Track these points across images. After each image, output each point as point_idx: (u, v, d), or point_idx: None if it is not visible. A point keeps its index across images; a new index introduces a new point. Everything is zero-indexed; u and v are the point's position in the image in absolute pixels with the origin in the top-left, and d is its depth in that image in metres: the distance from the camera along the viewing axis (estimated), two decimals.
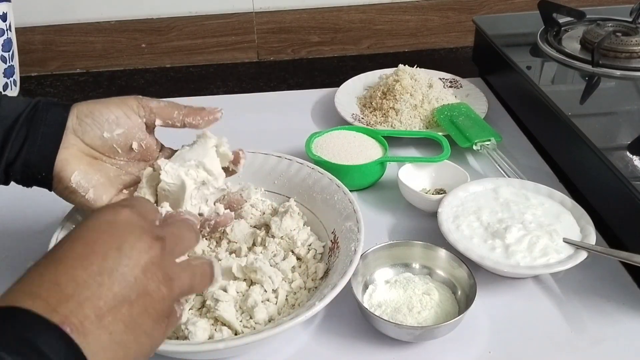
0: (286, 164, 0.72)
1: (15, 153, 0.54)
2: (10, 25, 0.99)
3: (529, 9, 1.06)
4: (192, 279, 0.42)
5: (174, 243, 0.41)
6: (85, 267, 0.36)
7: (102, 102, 0.56)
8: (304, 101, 1.00)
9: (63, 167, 0.54)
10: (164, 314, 0.39)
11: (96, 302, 0.35)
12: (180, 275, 0.40)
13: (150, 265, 0.38)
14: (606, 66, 0.86)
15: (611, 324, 0.60)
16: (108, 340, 0.35)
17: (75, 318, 0.34)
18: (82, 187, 0.55)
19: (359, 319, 0.60)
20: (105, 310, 0.35)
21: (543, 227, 0.65)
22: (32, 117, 0.54)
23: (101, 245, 0.37)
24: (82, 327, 0.34)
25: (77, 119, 0.55)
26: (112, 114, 0.56)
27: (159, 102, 0.58)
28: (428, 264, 0.64)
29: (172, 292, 0.39)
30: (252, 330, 0.56)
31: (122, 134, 0.56)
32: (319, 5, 1.19)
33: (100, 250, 0.37)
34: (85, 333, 0.34)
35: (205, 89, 1.12)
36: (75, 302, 0.34)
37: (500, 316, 0.61)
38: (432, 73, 1.00)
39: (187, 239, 0.43)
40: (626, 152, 0.69)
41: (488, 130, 0.85)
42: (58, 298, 0.34)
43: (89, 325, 0.34)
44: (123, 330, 0.36)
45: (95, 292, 0.35)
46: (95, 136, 0.55)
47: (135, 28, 1.17)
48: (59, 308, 0.34)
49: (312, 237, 0.67)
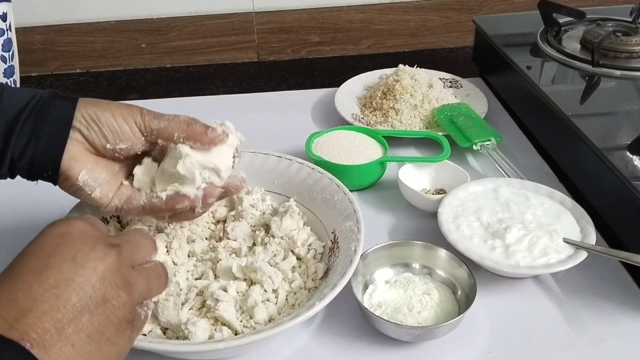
0: (286, 164, 0.72)
1: (20, 151, 0.53)
2: (10, 25, 0.99)
3: (529, 9, 1.06)
4: (148, 282, 0.42)
5: (130, 250, 0.41)
6: (41, 282, 0.36)
7: (109, 107, 0.55)
8: (304, 101, 1.00)
9: (70, 166, 0.54)
10: (127, 320, 0.39)
11: (55, 314, 0.35)
12: (138, 280, 0.40)
13: (107, 273, 0.38)
14: (606, 66, 0.86)
15: (611, 324, 0.60)
16: (71, 352, 0.35)
17: (35, 333, 0.34)
18: (89, 186, 0.55)
19: (359, 319, 0.60)
20: (65, 322, 0.35)
21: (543, 227, 0.65)
22: (37, 113, 0.53)
23: (55, 257, 0.37)
24: (43, 341, 0.34)
25: (84, 120, 0.54)
26: (117, 124, 0.54)
27: (160, 122, 0.55)
28: (428, 264, 0.64)
29: (131, 298, 0.39)
30: (252, 330, 0.56)
31: (125, 148, 0.55)
32: (319, 5, 1.19)
33: (54, 262, 0.37)
34: (46, 347, 0.34)
35: (205, 89, 1.12)
36: (33, 316, 0.34)
37: (500, 316, 0.61)
38: (432, 73, 1.00)
39: (144, 245, 0.44)
40: (626, 152, 0.69)
41: (488, 130, 0.85)
42: (16, 314, 0.34)
43: (50, 339, 0.34)
44: (85, 340, 0.36)
45: (53, 305, 0.35)
46: (100, 144, 0.55)
47: (135, 28, 1.17)
48: (16, 324, 0.34)
49: (312, 237, 0.67)
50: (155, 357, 0.55)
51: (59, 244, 0.38)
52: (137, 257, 0.42)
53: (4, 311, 0.34)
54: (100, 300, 0.37)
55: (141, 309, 0.41)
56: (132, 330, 0.40)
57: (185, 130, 0.55)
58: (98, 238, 0.40)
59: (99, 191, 0.55)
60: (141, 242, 0.44)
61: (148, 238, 0.45)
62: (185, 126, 0.55)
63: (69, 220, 0.40)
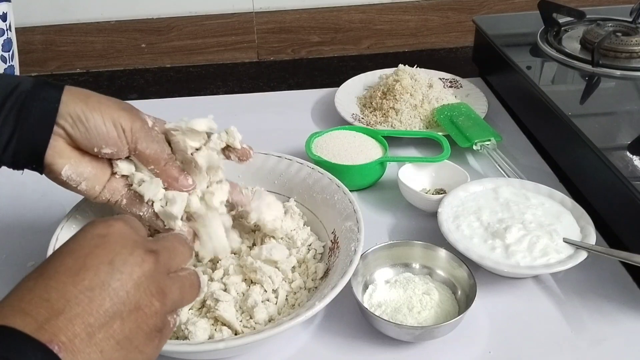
0: (286, 164, 0.72)
1: (4, 143, 0.51)
2: (10, 25, 0.99)
3: (529, 9, 1.06)
4: (182, 291, 0.41)
5: (168, 257, 0.40)
6: (77, 283, 0.35)
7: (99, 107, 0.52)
8: (304, 101, 1.00)
9: (53, 162, 0.53)
10: (157, 329, 0.38)
11: (87, 318, 0.34)
12: (172, 288, 0.40)
13: (143, 279, 0.37)
14: (606, 66, 0.86)
15: (611, 324, 0.60)
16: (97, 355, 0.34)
17: (64, 336, 0.33)
18: (73, 180, 0.54)
19: (359, 319, 0.60)
20: (96, 327, 0.34)
21: (543, 227, 0.65)
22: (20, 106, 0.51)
23: (93, 259, 0.36)
24: (72, 345, 0.33)
25: (70, 118, 0.52)
26: (105, 129, 0.53)
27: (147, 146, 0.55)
28: (428, 264, 0.64)
29: (164, 307, 0.38)
30: (252, 330, 0.56)
31: (110, 153, 0.54)
32: (319, 5, 1.19)
33: (91, 264, 0.36)
34: (74, 352, 0.33)
35: (205, 89, 1.12)
36: (65, 319, 0.33)
37: (500, 316, 0.61)
38: (432, 73, 1.00)
39: (181, 252, 0.43)
40: (626, 152, 0.69)
41: (488, 130, 0.85)
42: (47, 315, 0.33)
43: (79, 344, 0.33)
44: (114, 347, 0.35)
45: (86, 308, 0.34)
46: (84, 144, 0.53)
47: (135, 28, 1.17)
48: (47, 325, 0.33)
49: (312, 237, 0.67)
50: None
51: (98, 245, 0.37)
52: (174, 264, 0.41)
53: (35, 310, 0.33)
54: (133, 307, 0.36)
55: (171, 317, 0.40)
56: (161, 339, 0.39)
57: (160, 168, 0.56)
58: (137, 242, 0.38)
59: (84, 185, 0.55)
60: (179, 248, 0.43)
61: (186, 245, 0.44)
62: (163, 164, 0.56)
63: (109, 221, 0.39)
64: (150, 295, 0.37)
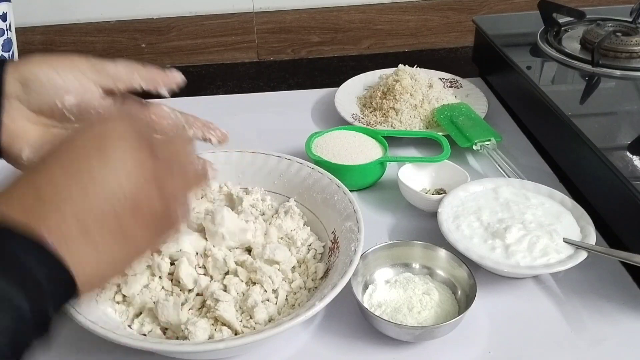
0: (286, 164, 0.72)
1: None
2: (10, 25, 0.99)
3: (529, 9, 1.06)
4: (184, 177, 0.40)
5: (167, 150, 0.39)
6: (70, 176, 0.34)
7: (47, 62, 0.48)
8: (304, 101, 1.00)
9: (11, 143, 0.48)
10: (155, 218, 0.37)
11: (80, 212, 0.33)
12: (170, 176, 0.38)
13: (138, 174, 0.36)
14: (606, 66, 0.86)
15: (611, 324, 0.60)
16: (91, 249, 0.34)
17: (57, 229, 0.32)
18: None
19: (359, 319, 0.60)
20: (89, 221, 0.34)
21: (543, 227, 0.65)
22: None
23: (87, 155, 0.35)
24: (64, 237, 0.32)
25: (20, 84, 0.47)
26: (59, 76, 0.47)
27: (117, 67, 0.50)
28: (428, 264, 0.64)
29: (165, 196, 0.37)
30: (252, 330, 0.56)
31: (76, 103, 0.48)
32: (319, 5, 1.19)
33: (85, 159, 0.35)
34: (67, 243, 0.32)
35: (205, 89, 1.12)
36: (57, 213, 0.33)
37: (500, 316, 0.61)
38: (432, 73, 1.00)
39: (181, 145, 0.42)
40: (626, 152, 0.69)
41: (488, 130, 0.85)
42: (39, 208, 0.33)
43: (71, 236, 0.33)
44: (108, 240, 0.34)
45: (78, 202, 0.33)
46: (44, 103, 0.48)
47: (135, 28, 1.17)
48: (39, 219, 0.32)
49: (312, 237, 0.67)
50: (155, 357, 0.55)
51: (94, 141, 0.36)
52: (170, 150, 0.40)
53: (23, 197, 0.33)
54: (128, 201, 0.35)
55: (175, 206, 0.39)
56: (161, 228, 0.38)
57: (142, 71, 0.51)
58: (134, 137, 0.37)
59: None
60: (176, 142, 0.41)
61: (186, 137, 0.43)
62: (142, 68, 0.51)
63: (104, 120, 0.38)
64: (149, 188, 0.36)
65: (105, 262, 0.35)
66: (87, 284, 0.34)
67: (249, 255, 0.63)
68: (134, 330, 0.57)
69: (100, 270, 0.35)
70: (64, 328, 0.57)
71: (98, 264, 0.34)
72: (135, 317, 0.58)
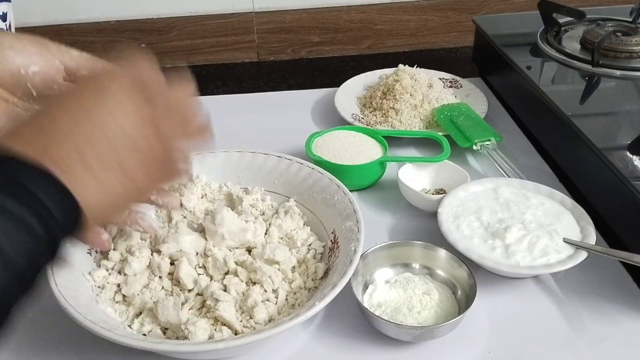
0: (286, 164, 0.72)
1: None
2: (10, 25, 0.99)
3: (529, 9, 1.06)
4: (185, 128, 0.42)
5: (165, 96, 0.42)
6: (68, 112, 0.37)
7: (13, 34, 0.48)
8: (304, 101, 1.00)
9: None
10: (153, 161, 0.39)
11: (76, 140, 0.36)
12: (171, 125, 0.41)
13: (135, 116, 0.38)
14: (606, 66, 0.86)
15: (611, 324, 0.60)
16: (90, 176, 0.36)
17: (56, 155, 0.35)
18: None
19: (359, 319, 0.60)
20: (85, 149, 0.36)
21: (543, 227, 0.65)
22: None
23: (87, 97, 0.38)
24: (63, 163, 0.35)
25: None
26: (25, 48, 0.47)
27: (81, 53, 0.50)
28: (428, 264, 0.64)
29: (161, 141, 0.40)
30: (252, 330, 0.56)
31: (39, 73, 0.47)
32: (319, 5, 1.19)
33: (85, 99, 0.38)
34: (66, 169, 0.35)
35: (205, 89, 1.11)
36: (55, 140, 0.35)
37: (500, 316, 0.61)
38: (432, 73, 0.99)
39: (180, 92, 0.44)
40: (626, 152, 0.69)
41: (488, 130, 0.85)
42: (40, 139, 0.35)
43: (70, 162, 0.35)
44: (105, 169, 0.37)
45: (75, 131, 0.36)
46: (7, 72, 0.46)
47: (135, 28, 1.17)
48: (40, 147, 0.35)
49: (312, 237, 0.67)
50: (155, 357, 0.55)
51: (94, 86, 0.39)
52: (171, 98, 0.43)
53: (30, 133, 0.36)
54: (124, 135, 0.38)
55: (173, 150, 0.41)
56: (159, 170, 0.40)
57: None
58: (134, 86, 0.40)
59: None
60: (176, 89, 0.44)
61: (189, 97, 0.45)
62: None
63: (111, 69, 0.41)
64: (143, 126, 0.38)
65: (106, 195, 0.37)
66: (90, 214, 0.36)
67: (249, 255, 0.63)
68: (134, 330, 0.57)
69: (102, 202, 0.37)
70: (64, 328, 0.57)
71: (100, 196, 0.37)
72: (135, 317, 0.58)
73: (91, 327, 0.50)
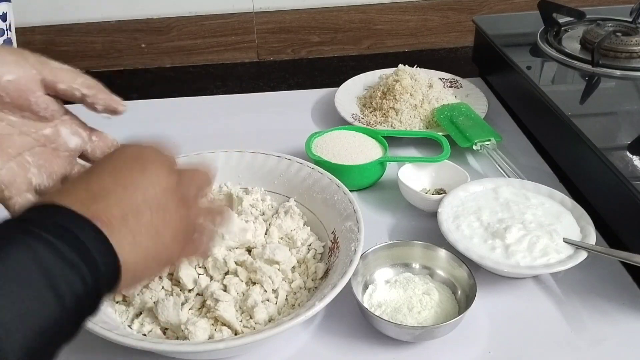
0: (286, 164, 0.72)
1: None
2: (10, 25, 0.99)
3: (529, 9, 1.06)
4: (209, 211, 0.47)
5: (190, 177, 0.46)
6: (113, 177, 0.41)
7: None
8: (304, 101, 1.00)
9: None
10: (182, 232, 0.43)
11: (122, 205, 0.39)
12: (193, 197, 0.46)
13: (169, 188, 0.43)
14: (606, 66, 0.86)
15: (611, 324, 0.60)
16: (131, 239, 0.39)
17: (104, 215, 0.38)
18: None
19: (359, 319, 0.60)
20: (130, 214, 0.39)
21: (543, 227, 0.65)
22: None
23: (129, 167, 0.42)
24: (110, 223, 0.37)
25: None
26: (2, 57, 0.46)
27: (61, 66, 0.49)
28: (428, 264, 0.64)
29: (189, 213, 0.44)
30: (252, 330, 0.56)
31: (14, 81, 0.45)
32: (319, 5, 1.19)
33: (127, 167, 0.42)
34: (112, 229, 0.37)
35: (205, 89, 1.11)
36: (104, 203, 0.39)
37: (500, 316, 0.61)
38: (432, 73, 1.00)
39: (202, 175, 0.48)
40: (626, 152, 0.69)
41: (488, 130, 0.85)
42: (90, 199, 0.38)
43: (115, 223, 0.38)
44: (144, 234, 0.40)
45: (121, 197, 0.40)
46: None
47: (135, 28, 1.17)
48: (90, 207, 0.38)
49: (312, 237, 0.67)
50: (156, 357, 0.55)
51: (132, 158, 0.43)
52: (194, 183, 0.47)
53: (81, 195, 0.39)
54: (161, 205, 0.41)
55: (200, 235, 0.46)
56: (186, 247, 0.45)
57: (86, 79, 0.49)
58: (165, 160, 0.44)
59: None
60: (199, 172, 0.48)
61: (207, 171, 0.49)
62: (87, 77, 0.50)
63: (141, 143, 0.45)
64: (176, 202, 0.43)
65: (140, 253, 0.39)
66: (125, 271, 0.38)
67: (249, 255, 0.63)
68: (134, 330, 0.57)
69: (136, 260, 0.39)
70: None
71: (135, 254, 0.39)
72: (135, 317, 0.58)
73: (91, 327, 0.50)
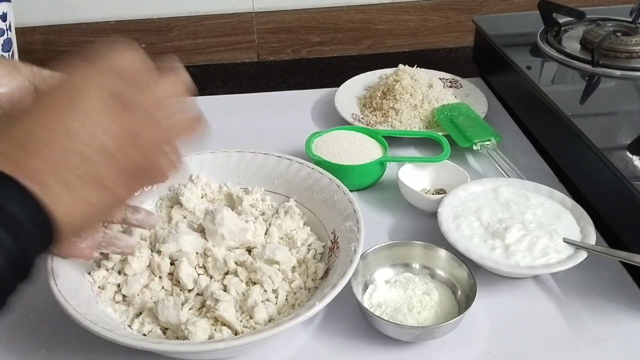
0: (286, 164, 0.72)
1: None
2: (10, 25, 0.99)
3: (529, 9, 1.06)
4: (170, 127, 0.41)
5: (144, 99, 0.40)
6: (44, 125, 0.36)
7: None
8: (304, 101, 1.00)
9: None
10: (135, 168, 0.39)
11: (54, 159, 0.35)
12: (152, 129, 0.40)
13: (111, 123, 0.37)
14: (606, 66, 0.86)
15: (611, 324, 0.60)
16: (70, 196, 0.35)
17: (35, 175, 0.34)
18: None
19: (359, 319, 0.60)
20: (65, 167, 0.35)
21: (543, 227, 0.65)
22: None
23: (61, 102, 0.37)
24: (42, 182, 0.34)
25: None
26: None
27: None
28: (428, 264, 0.64)
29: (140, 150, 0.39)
30: (252, 330, 0.56)
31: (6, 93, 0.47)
32: (319, 5, 1.18)
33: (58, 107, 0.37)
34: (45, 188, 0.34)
35: (205, 89, 1.11)
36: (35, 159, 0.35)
37: (500, 316, 0.61)
38: (432, 73, 1.00)
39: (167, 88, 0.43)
40: (626, 152, 0.69)
41: (488, 130, 0.85)
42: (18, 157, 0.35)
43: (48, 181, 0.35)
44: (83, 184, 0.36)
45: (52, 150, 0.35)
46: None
47: (135, 28, 1.17)
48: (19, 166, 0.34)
49: (312, 237, 0.67)
50: (155, 357, 0.55)
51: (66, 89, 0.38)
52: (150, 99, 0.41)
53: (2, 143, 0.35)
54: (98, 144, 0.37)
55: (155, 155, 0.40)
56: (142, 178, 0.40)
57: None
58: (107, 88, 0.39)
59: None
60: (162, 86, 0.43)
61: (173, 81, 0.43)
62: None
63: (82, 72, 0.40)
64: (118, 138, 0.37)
65: (81, 206, 0.36)
66: (66, 227, 0.35)
67: (249, 255, 0.63)
68: (134, 330, 0.57)
69: (79, 215, 0.36)
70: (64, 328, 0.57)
71: (75, 209, 0.36)
72: (135, 317, 0.58)
73: (91, 327, 0.50)
